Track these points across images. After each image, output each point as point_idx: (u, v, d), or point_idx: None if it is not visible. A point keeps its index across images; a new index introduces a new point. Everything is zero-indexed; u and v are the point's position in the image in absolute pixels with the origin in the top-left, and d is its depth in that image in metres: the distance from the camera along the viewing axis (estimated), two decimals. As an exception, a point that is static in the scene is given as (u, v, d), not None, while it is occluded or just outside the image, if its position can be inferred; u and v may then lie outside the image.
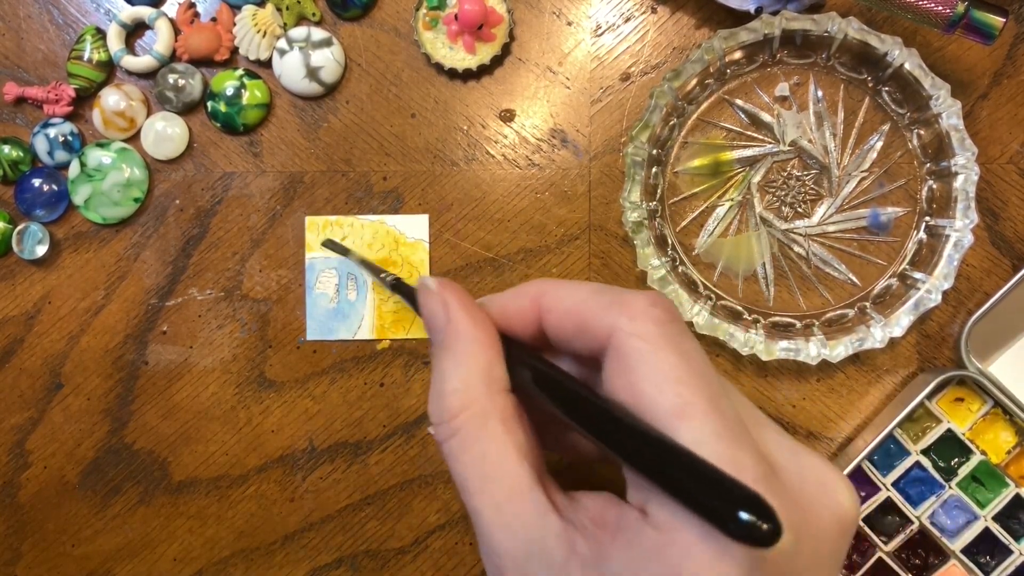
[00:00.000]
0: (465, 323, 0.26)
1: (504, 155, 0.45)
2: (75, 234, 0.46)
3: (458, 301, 0.26)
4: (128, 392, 0.46)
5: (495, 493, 0.23)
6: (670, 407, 0.22)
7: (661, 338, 0.23)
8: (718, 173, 0.43)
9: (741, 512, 0.18)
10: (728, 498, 0.19)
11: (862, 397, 0.44)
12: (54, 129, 0.45)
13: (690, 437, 0.21)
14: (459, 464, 0.24)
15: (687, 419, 0.21)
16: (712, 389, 0.22)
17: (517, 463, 0.24)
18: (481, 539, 0.24)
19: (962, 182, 0.41)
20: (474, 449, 0.24)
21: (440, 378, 0.25)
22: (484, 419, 0.24)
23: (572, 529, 0.22)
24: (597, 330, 0.24)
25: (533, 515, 0.23)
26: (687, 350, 0.23)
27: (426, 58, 0.44)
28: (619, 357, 0.23)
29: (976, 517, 0.42)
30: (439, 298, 0.26)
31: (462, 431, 0.24)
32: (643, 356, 0.23)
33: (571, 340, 0.25)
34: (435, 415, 0.25)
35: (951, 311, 0.44)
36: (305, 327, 0.45)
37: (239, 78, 0.45)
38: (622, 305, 0.24)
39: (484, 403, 0.25)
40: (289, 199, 0.45)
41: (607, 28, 0.45)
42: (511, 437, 0.24)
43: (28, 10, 0.46)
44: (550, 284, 0.26)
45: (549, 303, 0.26)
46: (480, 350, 0.25)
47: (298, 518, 0.45)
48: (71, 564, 0.46)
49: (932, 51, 0.44)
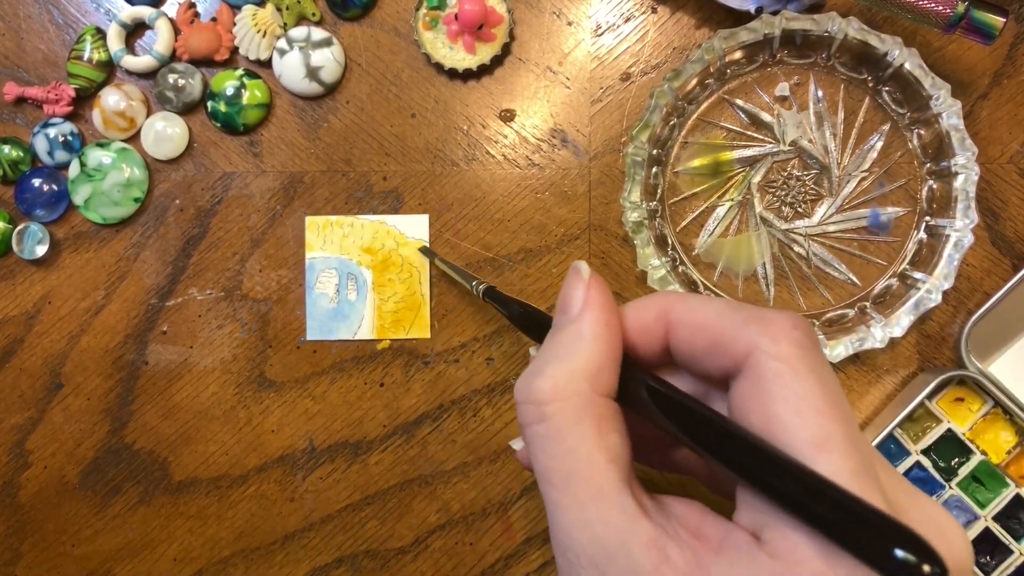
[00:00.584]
0: (597, 319, 0.25)
1: (504, 155, 0.45)
2: (75, 234, 0.46)
3: (600, 297, 0.25)
4: (128, 392, 0.46)
5: (581, 491, 0.23)
6: (810, 437, 0.21)
7: (802, 363, 0.22)
8: (718, 173, 0.43)
9: (898, 550, 0.18)
10: (883, 534, 0.18)
11: (862, 397, 0.44)
12: (54, 129, 0.45)
13: (827, 469, 0.20)
14: (544, 454, 0.23)
15: (826, 451, 0.20)
16: (849, 423, 0.21)
17: (607, 466, 0.23)
18: (557, 533, 0.23)
19: (962, 182, 0.41)
20: (564, 441, 0.23)
21: (546, 359, 0.24)
22: (579, 415, 0.23)
23: (665, 536, 0.22)
24: (734, 348, 0.23)
25: (620, 519, 0.22)
26: (828, 379, 0.22)
27: (426, 58, 0.44)
28: (755, 379, 0.22)
29: (976, 517, 0.42)
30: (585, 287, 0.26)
31: (554, 420, 0.23)
32: (784, 380, 0.22)
33: (701, 358, 0.24)
34: (523, 393, 0.24)
35: (951, 311, 0.44)
36: (305, 327, 0.45)
37: (239, 78, 0.45)
38: (763, 323, 0.23)
39: (583, 399, 0.24)
40: (289, 199, 0.45)
41: (607, 28, 0.45)
42: (604, 440, 0.23)
43: (28, 10, 0.46)
44: (679, 297, 0.25)
45: (679, 317, 0.25)
46: (600, 351, 0.25)
47: (298, 518, 0.45)
48: (71, 564, 0.46)
49: (932, 51, 0.44)
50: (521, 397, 0.24)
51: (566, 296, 0.26)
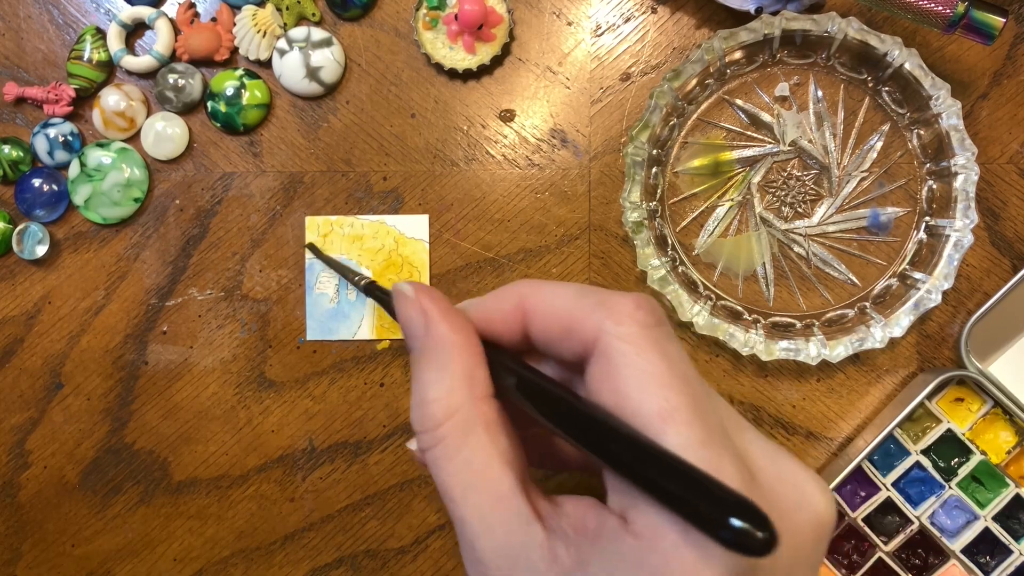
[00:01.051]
0: (445, 329, 0.25)
1: (504, 155, 0.45)
2: (75, 234, 0.46)
3: (437, 307, 0.26)
4: (128, 392, 0.46)
5: (479, 501, 0.23)
6: (655, 410, 0.21)
7: (646, 341, 0.23)
8: (718, 173, 0.43)
9: (733, 519, 0.18)
10: (720, 504, 0.19)
11: (862, 397, 0.44)
12: (54, 129, 0.45)
13: (674, 441, 0.21)
14: (443, 473, 0.24)
15: (672, 423, 0.21)
16: (696, 393, 0.22)
17: (501, 470, 0.23)
18: (465, 547, 0.24)
19: (962, 182, 0.41)
20: (458, 457, 0.24)
21: (421, 387, 0.25)
22: (468, 427, 0.24)
23: (555, 537, 0.22)
24: (583, 333, 0.24)
25: (517, 523, 0.23)
26: (671, 353, 0.23)
27: (426, 58, 0.44)
28: (604, 360, 0.23)
29: (976, 517, 0.42)
30: (417, 304, 0.26)
31: (446, 440, 0.24)
32: (628, 359, 0.22)
33: (556, 343, 0.25)
34: (418, 424, 0.25)
35: (951, 311, 0.44)
36: (305, 327, 0.45)
37: (239, 78, 0.45)
38: (607, 307, 0.23)
39: (468, 411, 0.24)
40: (289, 199, 0.45)
41: (607, 28, 0.45)
42: (495, 444, 0.24)
43: (28, 10, 0.46)
44: (533, 286, 0.26)
45: (533, 305, 0.26)
46: (461, 357, 0.25)
47: (298, 518, 0.45)
48: (71, 564, 0.46)
49: (932, 51, 0.44)
50: (417, 428, 0.25)
51: (406, 322, 0.26)
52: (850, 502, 0.43)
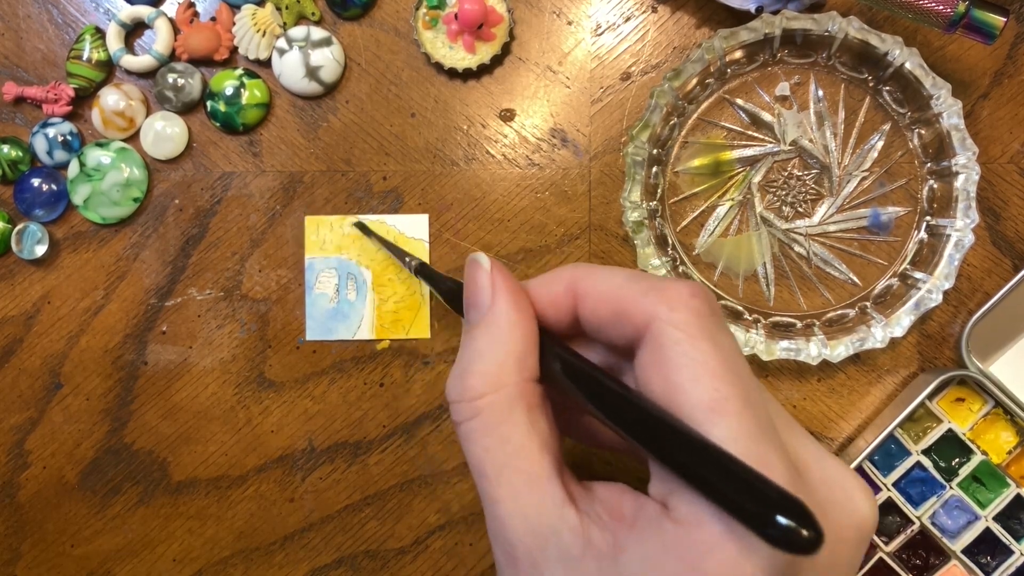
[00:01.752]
0: (510, 306, 0.25)
1: (504, 155, 0.45)
2: (74, 234, 0.46)
3: (507, 284, 0.26)
4: (128, 392, 0.45)
5: (514, 481, 0.23)
6: (705, 401, 0.21)
7: (699, 330, 0.22)
8: (718, 173, 0.43)
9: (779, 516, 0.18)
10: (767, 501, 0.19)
11: (863, 397, 0.44)
12: (53, 129, 0.45)
13: (723, 434, 0.21)
14: (478, 447, 0.24)
15: (722, 415, 0.21)
16: (747, 386, 0.22)
17: (539, 453, 0.23)
18: (494, 526, 0.23)
19: (963, 182, 0.41)
20: (496, 433, 0.24)
21: (471, 356, 0.25)
22: (511, 405, 0.24)
23: (588, 521, 0.22)
24: (635, 317, 0.23)
25: (551, 506, 0.23)
26: (724, 344, 0.23)
27: (426, 57, 0.44)
28: (655, 347, 0.23)
29: (977, 517, 0.42)
30: (490, 276, 0.26)
31: (485, 413, 0.24)
32: (680, 347, 0.22)
33: (607, 328, 0.25)
34: (455, 392, 0.25)
35: (952, 311, 0.44)
36: (305, 327, 0.45)
37: (238, 77, 0.44)
38: (661, 292, 0.23)
39: (513, 389, 0.24)
40: (289, 199, 0.45)
41: (607, 27, 0.45)
42: (535, 426, 0.24)
43: (27, 10, 0.46)
44: (586, 269, 0.26)
45: (585, 289, 0.25)
46: (520, 336, 0.25)
47: (298, 518, 0.45)
48: (71, 564, 0.46)
49: (933, 51, 0.43)
50: (454, 396, 0.25)
51: (473, 291, 0.26)
52: (851, 502, 0.42)
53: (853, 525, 0.23)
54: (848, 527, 0.23)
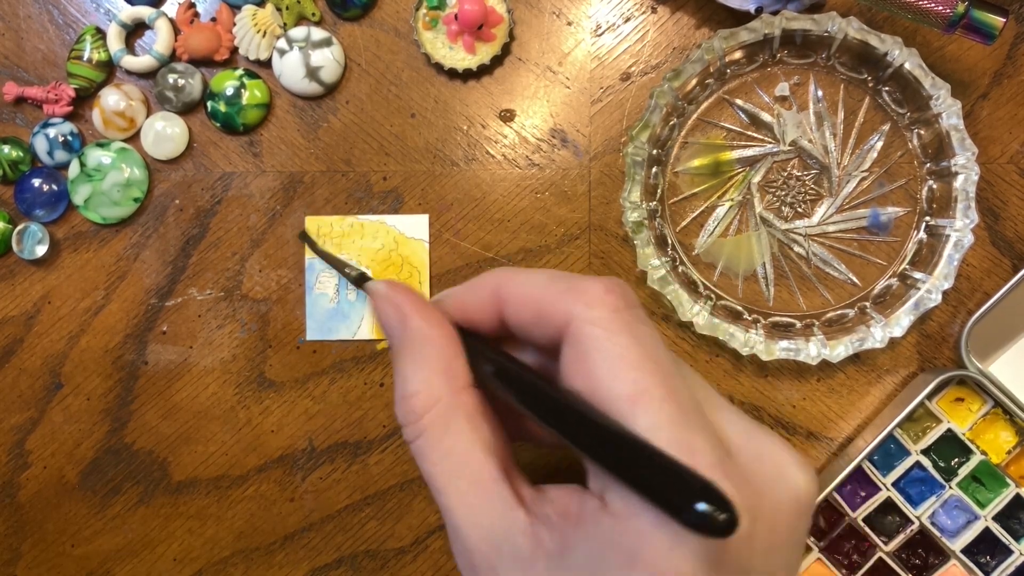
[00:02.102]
0: (419, 323, 0.26)
1: (504, 155, 0.45)
2: (75, 234, 0.46)
3: (410, 303, 0.26)
4: (128, 392, 0.46)
5: (463, 488, 0.24)
6: (625, 393, 0.22)
7: (616, 324, 0.23)
8: (718, 173, 0.43)
9: (696, 503, 0.18)
10: (683, 488, 0.19)
11: (862, 397, 0.44)
12: (54, 129, 0.45)
13: (645, 423, 0.21)
14: (427, 463, 0.24)
15: (642, 405, 0.21)
16: (667, 374, 0.22)
17: (483, 458, 0.24)
18: (452, 535, 0.24)
19: (962, 182, 0.41)
20: (440, 447, 0.24)
21: (401, 381, 0.25)
22: (448, 417, 0.24)
23: (538, 523, 0.23)
24: (554, 318, 0.24)
25: (500, 509, 0.23)
26: (642, 336, 0.23)
27: (426, 58, 0.44)
28: (575, 344, 0.23)
29: (976, 517, 0.42)
30: (390, 301, 0.26)
31: (428, 430, 0.24)
32: (598, 343, 0.23)
33: (530, 329, 0.25)
34: (401, 417, 0.25)
35: (951, 311, 0.44)
36: (305, 327, 0.45)
37: (239, 78, 0.45)
38: (578, 292, 0.24)
39: (448, 401, 0.25)
40: (289, 199, 0.45)
41: (607, 28, 0.45)
42: (477, 433, 0.24)
43: (28, 10, 0.46)
44: (509, 273, 0.26)
45: (508, 292, 0.26)
46: (438, 349, 0.25)
47: (298, 518, 0.45)
48: (71, 564, 0.46)
49: (932, 51, 0.44)
50: (400, 420, 0.25)
51: (383, 319, 0.27)
52: (850, 502, 0.43)
53: (789, 499, 0.23)
54: (785, 501, 0.23)
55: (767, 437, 0.24)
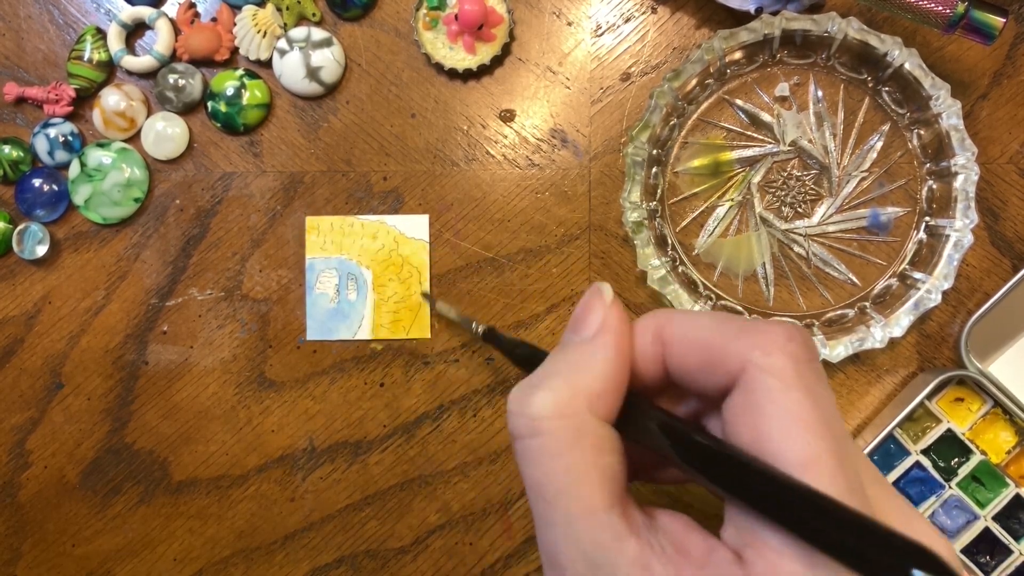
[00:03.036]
0: (611, 344, 0.24)
1: (504, 155, 0.45)
2: (75, 234, 0.46)
3: (619, 324, 0.25)
4: (128, 392, 0.46)
5: (571, 508, 0.22)
6: (798, 457, 0.20)
7: (795, 378, 0.21)
8: (718, 173, 0.43)
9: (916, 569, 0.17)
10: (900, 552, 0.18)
11: (862, 397, 0.44)
12: (54, 129, 0.45)
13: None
14: (536, 468, 0.23)
15: (813, 472, 0.20)
16: (840, 443, 0.21)
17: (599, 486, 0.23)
18: (545, 544, 0.23)
19: (962, 182, 0.41)
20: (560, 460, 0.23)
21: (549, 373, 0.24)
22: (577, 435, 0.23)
23: (649, 551, 0.22)
24: (727, 363, 0.22)
25: (609, 537, 0.22)
26: (821, 396, 0.21)
27: (426, 58, 0.44)
28: (747, 393, 0.22)
29: (976, 517, 0.42)
30: (606, 309, 0.25)
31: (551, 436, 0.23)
32: (773, 395, 0.21)
33: (695, 374, 0.24)
34: (518, 403, 0.24)
35: (951, 311, 0.44)
36: (305, 327, 0.45)
37: (239, 78, 0.45)
38: (755, 336, 0.22)
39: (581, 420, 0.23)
40: (289, 199, 0.45)
41: (607, 28, 0.45)
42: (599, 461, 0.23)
43: (28, 10, 0.46)
44: (669, 315, 0.25)
45: (671, 335, 0.24)
46: (608, 375, 0.24)
47: (298, 518, 0.45)
48: (71, 564, 0.46)
49: (932, 51, 0.44)
50: (516, 408, 0.24)
51: (583, 315, 0.25)
52: (850, 502, 0.43)
53: None
54: None
55: (921, 522, 0.23)
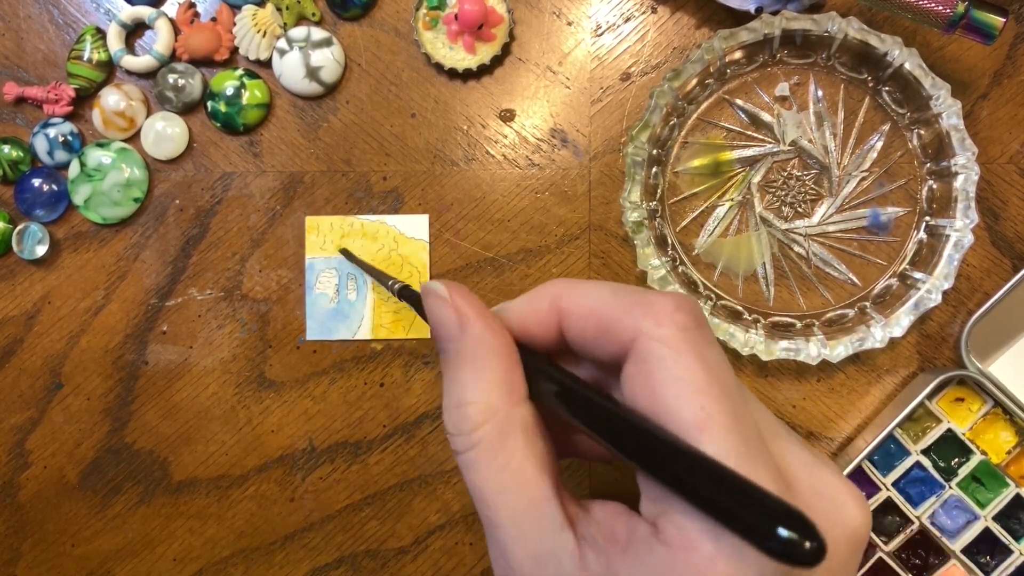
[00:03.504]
0: (481, 331, 0.25)
1: (504, 155, 0.45)
2: (75, 234, 0.46)
3: (472, 308, 0.25)
4: (128, 392, 0.46)
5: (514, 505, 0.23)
6: (691, 419, 0.21)
7: (685, 344, 0.22)
8: (718, 173, 0.43)
9: (781, 529, 0.18)
10: (768, 513, 0.18)
11: (862, 397, 0.44)
12: (54, 129, 0.45)
13: (710, 451, 0.20)
14: (478, 476, 0.24)
15: (707, 432, 0.21)
16: (734, 401, 0.22)
17: (537, 475, 0.23)
18: (495, 551, 0.23)
19: (962, 182, 0.41)
20: (494, 461, 0.23)
21: (458, 390, 0.24)
22: (505, 430, 0.23)
23: (585, 544, 0.22)
24: (620, 333, 0.23)
25: (550, 529, 0.22)
26: (711, 359, 0.22)
27: (426, 58, 0.44)
28: (640, 362, 0.22)
29: (976, 517, 0.42)
30: (451, 305, 0.25)
31: (483, 443, 0.23)
32: (665, 363, 0.22)
33: (592, 344, 0.24)
34: (453, 426, 0.24)
35: (951, 311, 0.44)
36: (305, 327, 0.45)
37: (239, 78, 0.45)
38: (646, 307, 0.23)
39: (505, 414, 0.24)
40: (289, 199, 0.45)
41: (607, 28, 0.45)
42: (532, 449, 0.24)
43: (28, 10, 0.46)
44: (568, 284, 0.25)
45: (568, 305, 0.25)
46: (499, 360, 0.24)
47: (298, 518, 0.45)
48: (71, 564, 0.46)
49: (932, 51, 0.44)
50: (451, 430, 0.24)
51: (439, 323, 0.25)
52: (850, 502, 0.43)
53: (845, 534, 0.23)
54: (840, 536, 0.23)
55: (826, 470, 0.23)
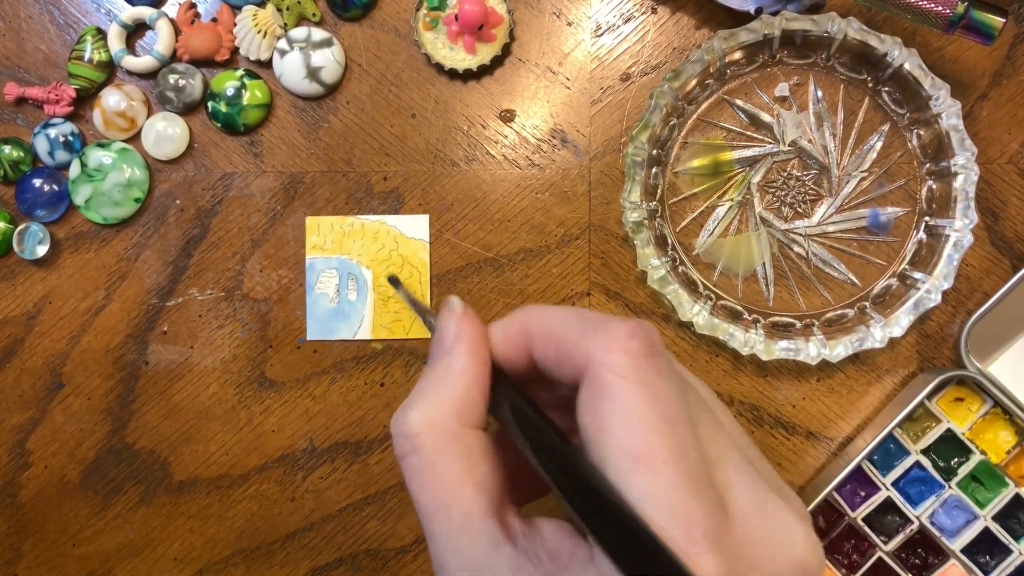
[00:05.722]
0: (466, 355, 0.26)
1: (504, 155, 0.45)
2: (76, 234, 0.46)
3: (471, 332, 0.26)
4: (129, 392, 0.46)
5: (448, 519, 0.24)
6: (630, 450, 0.21)
7: (633, 373, 0.22)
8: (718, 173, 0.43)
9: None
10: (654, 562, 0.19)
11: (862, 397, 0.44)
12: (55, 129, 0.45)
13: (644, 484, 0.21)
14: (416, 484, 0.24)
15: (644, 465, 0.21)
16: (677, 434, 0.22)
17: (474, 493, 0.24)
18: (434, 561, 0.24)
19: (962, 182, 0.41)
20: (432, 472, 0.24)
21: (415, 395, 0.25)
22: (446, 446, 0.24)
23: (525, 560, 0.22)
24: (576, 358, 0.23)
25: (485, 546, 0.23)
26: (658, 389, 0.22)
27: (426, 58, 0.44)
28: (591, 388, 0.23)
29: (976, 517, 0.42)
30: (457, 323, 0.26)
31: (423, 451, 0.24)
32: (612, 391, 0.22)
33: (553, 368, 0.25)
34: (394, 426, 0.25)
35: (951, 311, 0.44)
36: (305, 327, 0.45)
37: (239, 78, 0.45)
38: (600, 333, 0.23)
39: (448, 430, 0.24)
40: (289, 199, 0.45)
41: (607, 28, 0.45)
42: (471, 469, 0.24)
43: (29, 10, 0.46)
44: (538, 310, 0.26)
45: (535, 329, 0.25)
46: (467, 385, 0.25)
47: (298, 518, 0.45)
48: (72, 564, 0.46)
49: (932, 51, 0.44)
50: (394, 430, 0.25)
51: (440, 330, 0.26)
52: (850, 502, 0.43)
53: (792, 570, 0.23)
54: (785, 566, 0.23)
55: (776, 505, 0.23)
